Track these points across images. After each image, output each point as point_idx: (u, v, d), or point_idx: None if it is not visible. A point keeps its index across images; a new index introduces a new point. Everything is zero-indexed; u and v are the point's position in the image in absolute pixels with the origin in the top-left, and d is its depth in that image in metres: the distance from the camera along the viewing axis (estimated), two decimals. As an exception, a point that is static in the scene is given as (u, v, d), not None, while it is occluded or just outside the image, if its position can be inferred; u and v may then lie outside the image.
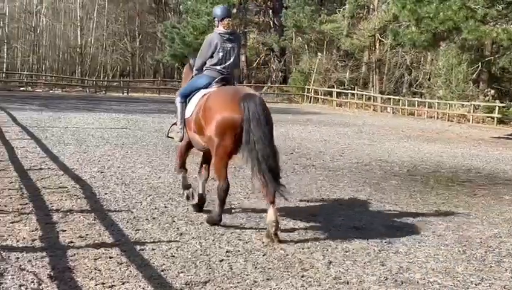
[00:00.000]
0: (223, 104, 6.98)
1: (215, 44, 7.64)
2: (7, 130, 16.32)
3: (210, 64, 7.71)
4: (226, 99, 7.03)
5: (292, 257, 6.05)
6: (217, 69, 7.68)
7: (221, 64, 7.66)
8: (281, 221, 7.48)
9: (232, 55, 7.71)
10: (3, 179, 9.31)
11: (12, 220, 6.89)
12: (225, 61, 7.66)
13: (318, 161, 13.76)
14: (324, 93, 46.92)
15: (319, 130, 22.70)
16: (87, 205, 7.94)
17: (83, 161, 11.71)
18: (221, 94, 7.21)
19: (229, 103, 6.93)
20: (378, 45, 46.23)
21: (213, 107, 7.03)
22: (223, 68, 7.68)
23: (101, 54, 65.68)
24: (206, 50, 7.72)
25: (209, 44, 7.69)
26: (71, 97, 40.40)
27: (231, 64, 7.74)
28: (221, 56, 7.63)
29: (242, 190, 9.57)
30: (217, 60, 7.65)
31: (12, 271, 5.20)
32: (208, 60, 7.72)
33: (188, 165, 8.55)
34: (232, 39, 7.72)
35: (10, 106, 26.65)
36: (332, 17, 48.17)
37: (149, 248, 6.12)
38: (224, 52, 7.64)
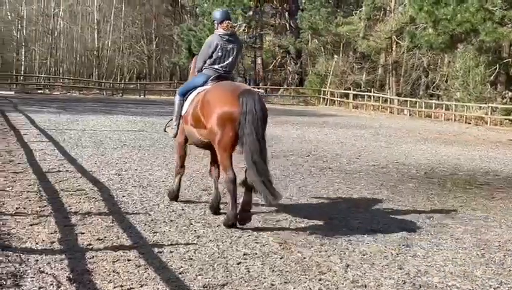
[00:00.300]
0: (224, 98, 7.24)
1: (215, 45, 7.94)
2: (25, 132, 16.44)
3: (209, 63, 8.03)
4: (226, 94, 7.29)
5: (309, 260, 6.05)
6: (214, 68, 7.99)
7: (219, 63, 7.97)
8: (298, 224, 7.50)
9: (231, 56, 8.00)
10: (22, 182, 9.38)
11: (31, 222, 6.95)
12: (223, 60, 7.96)
13: (335, 163, 13.74)
14: (340, 96, 46.85)
15: (335, 132, 22.67)
16: (105, 208, 7.98)
17: (101, 164, 11.78)
18: (221, 89, 7.47)
19: (229, 97, 7.19)
20: (395, 46, 46.09)
21: (213, 101, 7.29)
22: (220, 67, 7.98)
23: (118, 56, 66.04)
24: (206, 50, 8.03)
25: (209, 45, 8.00)
26: (88, 100, 40.63)
27: (229, 64, 8.02)
28: (220, 56, 7.94)
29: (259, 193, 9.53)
30: (215, 60, 7.96)
31: (32, 273, 5.25)
32: (208, 59, 8.03)
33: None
34: (231, 40, 8.02)
35: (28, 108, 26.87)
36: (349, 19, 48.09)
37: (167, 251, 6.14)
38: (224, 52, 7.94)
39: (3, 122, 19.59)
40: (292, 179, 11.10)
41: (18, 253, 5.77)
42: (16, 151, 12.75)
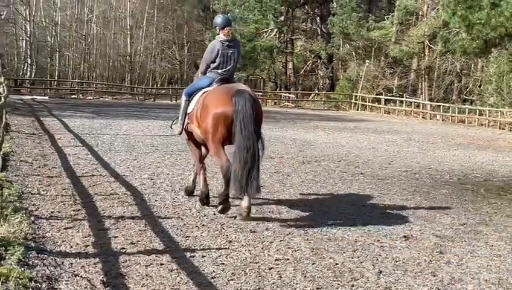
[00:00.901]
0: (219, 99, 7.96)
1: (216, 50, 8.52)
2: (60, 137, 16.66)
3: (212, 67, 8.62)
4: (221, 95, 8.00)
5: (342, 266, 6.02)
6: (218, 72, 8.59)
7: (221, 68, 8.57)
8: (330, 229, 7.48)
9: (232, 60, 8.60)
10: (57, 186, 9.51)
11: (65, 226, 7.03)
12: (226, 65, 8.58)
13: (366, 169, 13.66)
14: (372, 101, 46.59)
15: (367, 137, 22.54)
16: (138, 212, 8.04)
17: (134, 168, 11.88)
18: (217, 91, 8.21)
19: (224, 98, 7.88)
20: (428, 51, 45.74)
21: (210, 102, 8.03)
22: (223, 71, 8.58)
23: (150, 62, 66.54)
24: (208, 55, 8.61)
25: (211, 50, 8.57)
26: (121, 105, 41.01)
27: (231, 67, 8.64)
28: (222, 60, 8.54)
29: (290, 198, 9.55)
30: (218, 64, 8.56)
31: (66, 277, 5.31)
32: (211, 64, 8.61)
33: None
34: (232, 45, 8.61)
35: (62, 113, 27.21)
36: (381, 24, 47.87)
37: (199, 255, 6.17)
38: (225, 57, 8.54)
39: (38, 126, 19.89)
40: (324, 185, 11.06)
41: (53, 256, 5.85)
42: (50, 156, 12.93)
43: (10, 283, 4.93)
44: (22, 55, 63.30)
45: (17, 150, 13.44)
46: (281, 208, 8.75)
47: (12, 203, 7.80)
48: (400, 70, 48.98)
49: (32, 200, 8.36)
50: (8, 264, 5.41)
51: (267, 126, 25.41)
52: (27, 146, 14.36)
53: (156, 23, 67.58)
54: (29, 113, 26.66)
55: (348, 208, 9.05)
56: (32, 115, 25.01)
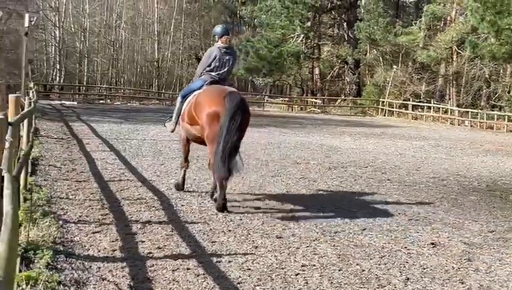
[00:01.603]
0: (212, 99, 8.62)
1: (214, 55, 9.31)
2: (88, 142, 16.83)
3: (207, 70, 9.37)
4: (214, 95, 8.66)
5: (368, 273, 5.99)
6: (211, 75, 9.31)
7: (216, 71, 9.31)
8: (356, 236, 7.45)
9: (227, 65, 9.37)
10: (85, 190, 9.60)
11: (93, 230, 7.09)
12: (220, 69, 9.33)
13: (394, 175, 13.58)
14: (399, 106, 46.35)
15: (394, 143, 22.41)
16: (165, 216, 8.08)
17: (160, 173, 11.95)
18: (210, 91, 8.88)
19: (216, 98, 8.54)
20: (456, 57, 45.40)
21: (203, 102, 8.70)
22: (216, 74, 9.31)
23: (177, 67, 66.97)
24: (206, 59, 9.41)
25: (209, 55, 9.38)
26: (148, 110, 41.30)
27: (225, 72, 9.39)
28: (217, 65, 9.30)
29: (316, 203, 9.53)
30: (213, 68, 9.31)
31: (94, 281, 5.35)
32: (207, 67, 9.36)
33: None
34: (228, 52, 9.40)
35: (91, 118, 27.48)
36: (408, 29, 47.67)
37: (225, 260, 6.18)
38: (221, 62, 9.31)
39: (67, 131, 20.11)
40: (350, 191, 11.02)
41: (81, 260, 5.90)
42: (78, 160, 13.06)
43: (39, 286, 4.99)
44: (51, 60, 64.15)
45: (46, 154, 13.61)
46: (307, 214, 8.73)
47: (41, 208, 7.90)
48: (428, 75, 48.68)
49: (60, 204, 8.45)
50: (37, 267, 5.48)
51: (293, 132, 25.44)
52: (56, 151, 14.53)
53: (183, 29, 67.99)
54: (58, 118, 26.99)
55: (375, 214, 9.00)
56: (61, 120, 25.31)
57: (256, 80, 60.36)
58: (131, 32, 67.43)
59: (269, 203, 9.37)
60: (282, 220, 8.17)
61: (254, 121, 31.93)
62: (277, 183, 11.40)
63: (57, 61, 62.69)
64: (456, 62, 45.76)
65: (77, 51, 64.13)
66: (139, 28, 67.79)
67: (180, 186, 10.00)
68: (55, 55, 63.26)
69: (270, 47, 49.62)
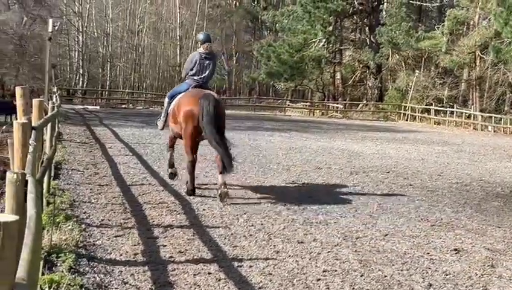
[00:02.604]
0: (188, 101, 9.81)
1: (195, 60, 10.31)
2: (110, 146, 16.93)
3: (190, 74, 10.37)
4: (191, 97, 9.84)
5: (390, 279, 5.95)
6: (194, 79, 10.33)
7: (198, 75, 10.30)
8: (378, 241, 7.41)
9: (208, 69, 10.36)
10: (107, 194, 9.66)
11: (115, 234, 7.13)
12: (201, 73, 10.31)
13: (416, 180, 13.48)
14: (421, 111, 46.08)
15: (416, 148, 22.26)
16: (186, 221, 8.10)
17: (182, 177, 11.96)
18: (188, 95, 10.05)
19: (192, 100, 9.73)
20: (479, 61, 45.05)
21: (182, 103, 9.94)
22: (199, 78, 10.31)
23: (198, 72, 67.12)
24: (188, 64, 10.46)
25: (191, 60, 10.40)
26: (170, 114, 41.35)
27: (206, 76, 10.38)
28: (199, 69, 10.28)
29: (338, 209, 9.49)
30: (195, 72, 10.29)
31: (116, 284, 5.38)
32: (189, 71, 10.35)
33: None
34: (209, 58, 10.37)
35: (113, 122, 27.64)
36: (431, 34, 47.40)
37: (246, 265, 6.17)
38: (201, 66, 10.28)
39: (90, 135, 20.26)
40: (372, 196, 10.96)
41: (103, 264, 5.94)
42: (101, 164, 13.15)
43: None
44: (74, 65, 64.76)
45: (69, 158, 13.72)
46: (329, 219, 8.70)
47: (64, 211, 7.96)
48: (450, 80, 48.35)
49: (83, 208, 8.51)
50: (60, 271, 5.52)
51: (314, 136, 25.39)
52: (79, 155, 14.64)
53: (205, 34, 68.07)
54: (80, 122, 27.20)
55: (397, 219, 8.94)
56: (83, 124, 25.51)
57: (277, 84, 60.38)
58: (154, 37, 67.82)
59: (290, 208, 9.35)
60: (303, 225, 8.15)
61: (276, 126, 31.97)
62: (298, 188, 11.38)
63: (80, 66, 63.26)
64: (479, 67, 45.40)
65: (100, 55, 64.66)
66: (161, 33, 68.16)
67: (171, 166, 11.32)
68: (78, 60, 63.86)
69: (292, 52, 49.60)
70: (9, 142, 5.16)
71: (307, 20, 49.34)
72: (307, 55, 49.87)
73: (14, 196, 3.36)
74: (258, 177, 12.63)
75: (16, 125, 4.96)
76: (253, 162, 15.01)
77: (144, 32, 66.44)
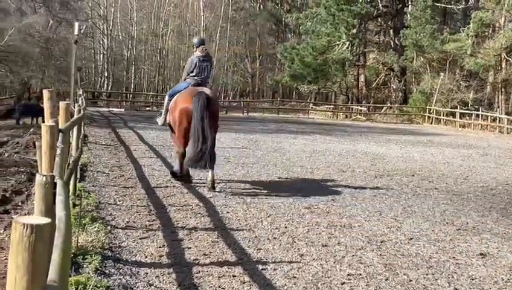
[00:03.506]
0: (184, 98, 10.81)
1: (194, 63, 11.38)
2: (135, 148, 17.05)
3: (190, 75, 11.40)
4: (186, 95, 10.83)
5: (416, 283, 5.92)
6: (194, 78, 11.33)
7: (197, 75, 11.32)
8: (403, 245, 7.37)
9: (205, 70, 11.41)
10: (132, 196, 9.73)
11: (140, 236, 7.18)
12: (200, 74, 11.35)
13: (441, 183, 13.39)
14: (446, 114, 45.70)
15: (441, 151, 22.09)
16: (211, 223, 8.13)
17: (206, 179, 11.99)
18: (184, 93, 11.01)
19: (187, 97, 10.70)
20: (505, 64, 44.57)
21: (178, 101, 10.95)
22: (198, 78, 11.32)
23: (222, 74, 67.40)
24: (188, 67, 11.54)
25: (190, 63, 11.48)
26: (193, 117, 41.47)
27: (204, 76, 11.43)
28: (198, 71, 11.33)
29: (362, 212, 9.46)
30: (195, 74, 11.33)
31: (142, 286, 5.42)
32: (190, 73, 11.38)
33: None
34: (205, 59, 11.45)
35: (137, 125, 27.81)
36: (456, 36, 47.01)
37: (271, 268, 6.18)
38: (200, 68, 11.35)
39: (114, 138, 20.41)
40: (397, 199, 10.90)
41: (129, 266, 5.98)
42: (126, 167, 13.25)
43: (88, 291, 5.07)
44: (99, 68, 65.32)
45: (94, 160, 13.84)
46: (353, 222, 8.67)
47: (90, 213, 8.03)
48: (476, 83, 47.92)
49: (108, 210, 8.58)
50: (86, 272, 5.57)
51: (338, 139, 25.32)
52: (104, 157, 14.76)
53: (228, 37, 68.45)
54: (105, 124, 27.42)
55: (422, 223, 8.89)
56: (108, 127, 25.71)
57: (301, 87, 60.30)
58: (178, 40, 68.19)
59: (314, 211, 9.34)
60: (327, 228, 8.14)
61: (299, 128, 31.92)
62: (322, 191, 11.36)
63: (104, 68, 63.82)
64: (505, 69, 44.93)
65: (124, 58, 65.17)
66: (185, 36, 68.49)
67: (178, 173, 11.43)
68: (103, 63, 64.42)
69: (315, 54, 49.53)
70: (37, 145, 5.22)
71: (331, 22, 49.27)
72: (331, 57, 49.75)
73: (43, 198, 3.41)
74: (281, 180, 12.63)
75: (43, 128, 5.02)
76: (276, 165, 15.02)
77: (168, 35, 66.82)
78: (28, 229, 1.84)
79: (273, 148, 19.37)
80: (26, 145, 18.24)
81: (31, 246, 1.83)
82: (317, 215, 8.99)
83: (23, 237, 1.83)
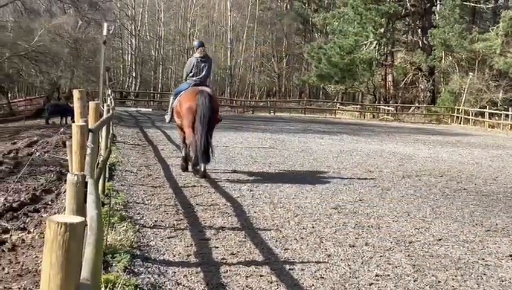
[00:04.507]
0: (188, 97, 11.83)
1: (193, 64, 12.34)
2: (163, 148, 17.16)
3: (190, 76, 12.39)
4: (190, 94, 11.87)
5: (445, 284, 5.87)
6: (193, 79, 12.32)
7: (196, 76, 12.31)
8: (431, 246, 7.32)
9: (204, 71, 12.36)
10: (160, 195, 9.79)
11: (168, 235, 7.23)
12: (199, 74, 12.32)
13: (470, 184, 13.26)
14: (475, 114, 45.24)
15: (470, 152, 21.86)
16: (238, 223, 8.15)
17: (233, 179, 12.05)
18: (188, 92, 12.04)
19: (191, 96, 11.75)
20: (535, 63, 43.94)
21: (183, 100, 11.97)
22: (197, 78, 12.30)
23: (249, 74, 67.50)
24: (187, 67, 12.53)
25: (189, 64, 12.48)
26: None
27: (203, 76, 12.37)
28: (196, 71, 12.29)
29: (390, 213, 9.41)
30: (193, 74, 12.32)
31: (170, 285, 5.46)
32: (190, 73, 12.36)
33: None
34: (204, 60, 12.39)
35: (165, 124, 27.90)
36: (485, 36, 46.51)
37: (298, 268, 6.18)
38: (198, 68, 12.30)
39: (142, 137, 20.57)
40: (425, 200, 10.82)
41: (157, 265, 6.03)
42: (153, 166, 13.34)
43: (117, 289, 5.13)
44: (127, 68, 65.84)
45: (122, 160, 13.96)
46: (381, 223, 8.63)
47: (119, 212, 8.11)
48: (506, 83, 47.33)
49: (137, 209, 8.66)
50: (115, 271, 5.63)
51: (365, 139, 25.20)
52: (132, 156, 14.89)
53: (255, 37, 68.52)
54: (133, 124, 27.64)
55: (451, 224, 8.81)
56: (136, 126, 25.91)
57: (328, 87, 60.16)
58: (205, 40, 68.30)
59: (341, 211, 9.32)
60: (354, 228, 8.12)
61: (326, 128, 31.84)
62: (349, 191, 11.32)
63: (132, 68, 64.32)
64: (536, 69, 44.35)
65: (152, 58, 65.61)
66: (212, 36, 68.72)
67: (184, 167, 12.59)
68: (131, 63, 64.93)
69: (343, 54, 49.35)
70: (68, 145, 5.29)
71: (358, 22, 49.05)
72: (358, 57, 49.52)
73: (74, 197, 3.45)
74: (308, 180, 12.61)
75: (74, 128, 5.08)
76: (303, 165, 15.00)
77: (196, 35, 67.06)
78: (62, 227, 1.87)
79: (300, 148, 19.34)
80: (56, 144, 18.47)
81: (65, 245, 1.87)
82: (345, 216, 8.96)
83: (57, 235, 1.87)
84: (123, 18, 63.33)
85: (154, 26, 66.48)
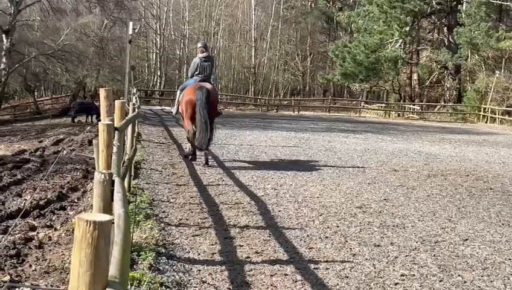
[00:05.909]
0: (189, 91, 13.10)
1: (197, 64, 13.58)
2: (187, 146, 17.20)
3: (195, 74, 13.57)
4: (190, 89, 13.11)
5: (471, 285, 5.83)
6: (199, 76, 13.48)
7: (200, 74, 13.51)
8: (458, 246, 7.27)
9: (207, 70, 13.60)
10: (185, 194, 9.84)
11: (193, 233, 7.27)
12: (203, 73, 13.53)
13: (496, 184, 13.12)
14: (502, 113, 44.72)
15: (496, 151, 21.61)
16: (262, 221, 8.16)
17: (257, 178, 12.06)
18: (190, 87, 13.26)
19: (191, 90, 13.00)
20: None
21: (185, 93, 13.25)
22: (201, 76, 13.48)
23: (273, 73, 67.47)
24: (192, 67, 13.77)
25: (194, 64, 13.73)
26: (245, 116, 41.74)
27: (206, 74, 13.58)
28: (200, 70, 13.52)
29: (415, 212, 9.35)
30: (198, 72, 13.53)
31: (195, 283, 5.49)
32: (195, 72, 13.55)
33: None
34: (207, 60, 13.66)
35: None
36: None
37: (323, 267, 6.18)
38: (202, 68, 13.53)
39: (167, 136, 20.66)
40: (451, 200, 10.74)
41: (182, 263, 6.06)
42: (178, 165, 13.41)
43: (142, 287, 5.17)
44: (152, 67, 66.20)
45: (147, 158, 14.05)
46: (406, 222, 8.59)
47: (144, 210, 8.17)
48: (533, 81, 46.74)
49: (162, 207, 8.71)
50: (141, 269, 5.67)
51: (390, 138, 25.05)
52: (157, 155, 14.97)
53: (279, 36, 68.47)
54: (158, 123, 27.78)
55: (477, 224, 8.74)
56: (161, 125, 26.03)
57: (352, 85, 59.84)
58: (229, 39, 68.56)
59: (366, 210, 9.28)
60: (379, 228, 8.08)
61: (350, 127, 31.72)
62: (374, 190, 11.27)
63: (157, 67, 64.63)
64: None
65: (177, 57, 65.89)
66: (236, 35, 68.81)
67: (190, 156, 13.77)
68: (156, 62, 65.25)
69: (367, 52, 49.05)
70: (94, 143, 5.34)
71: (383, 20, 48.72)
72: (383, 55, 49.19)
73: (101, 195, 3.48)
74: (333, 179, 12.57)
75: (100, 127, 5.12)
76: (328, 164, 14.96)
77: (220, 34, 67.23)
78: (91, 225, 1.89)
79: (325, 147, 19.28)
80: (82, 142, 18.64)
81: (94, 242, 1.89)
82: (370, 215, 8.93)
83: (86, 233, 1.89)
84: (148, 17, 63.65)
85: (179, 25, 66.72)
